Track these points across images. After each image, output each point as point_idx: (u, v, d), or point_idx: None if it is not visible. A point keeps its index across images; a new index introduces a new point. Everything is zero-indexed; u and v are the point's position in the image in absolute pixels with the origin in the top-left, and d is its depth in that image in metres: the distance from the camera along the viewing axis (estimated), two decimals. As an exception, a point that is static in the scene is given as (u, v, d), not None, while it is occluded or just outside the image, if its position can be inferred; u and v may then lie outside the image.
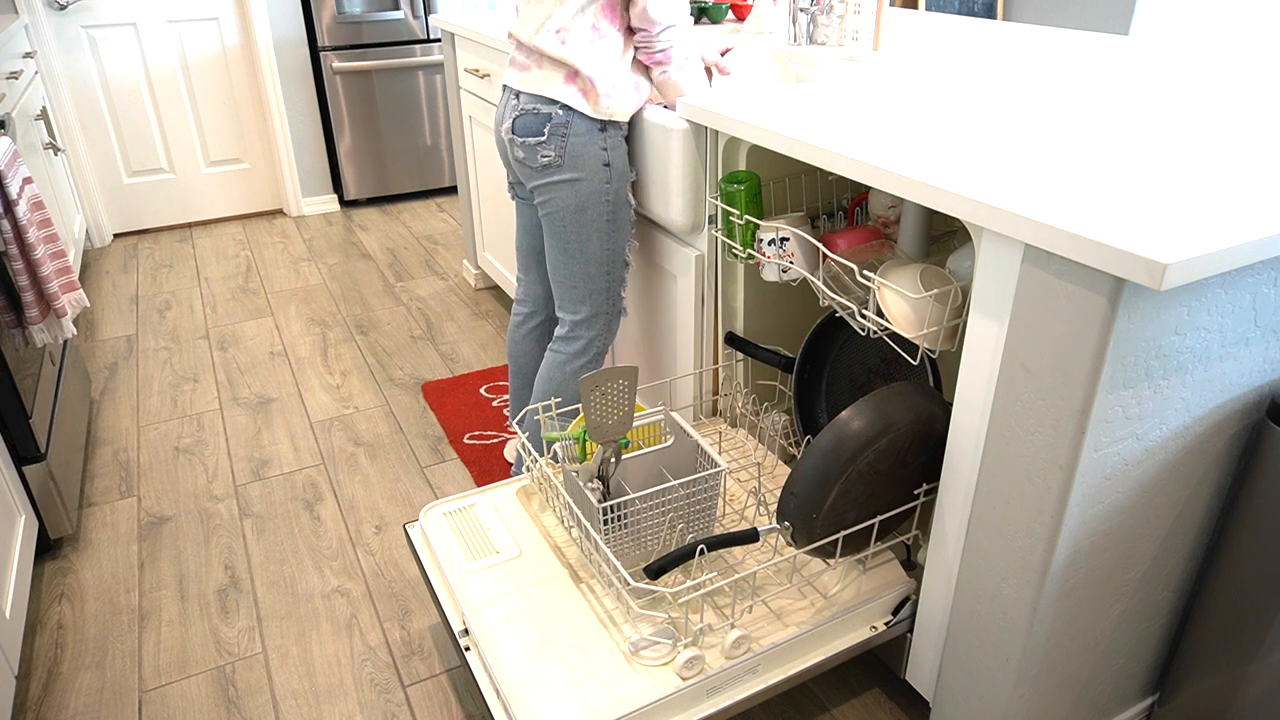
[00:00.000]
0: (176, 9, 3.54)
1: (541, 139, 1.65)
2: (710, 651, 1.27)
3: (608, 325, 1.81)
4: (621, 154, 1.68)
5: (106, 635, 1.72)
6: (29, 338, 1.88)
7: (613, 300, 1.79)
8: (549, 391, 1.83)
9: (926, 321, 1.25)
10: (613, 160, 1.66)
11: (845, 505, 1.28)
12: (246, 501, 2.10)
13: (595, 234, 1.71)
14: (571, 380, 1.83)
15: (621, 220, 1.72)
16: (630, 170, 1.71)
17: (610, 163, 1.66)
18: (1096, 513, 1.11)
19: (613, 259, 1.74)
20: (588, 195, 1.67)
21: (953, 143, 1.26)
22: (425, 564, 1.50)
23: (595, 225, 1.70)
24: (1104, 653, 1.30)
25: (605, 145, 1.65)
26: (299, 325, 2.96)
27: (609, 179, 1.67)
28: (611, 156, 1.66)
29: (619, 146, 1.67)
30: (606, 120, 1.63)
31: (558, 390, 1.83)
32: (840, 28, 2.02)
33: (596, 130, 1.64)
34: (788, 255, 1.47)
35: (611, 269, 1.75)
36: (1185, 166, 1.14)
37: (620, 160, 1.68)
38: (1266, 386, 1.17)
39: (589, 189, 1.67)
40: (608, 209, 1.69)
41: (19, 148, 2.56)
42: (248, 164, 3.92)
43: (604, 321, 1.80)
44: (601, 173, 1.66)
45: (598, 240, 1.71)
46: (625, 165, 1.69)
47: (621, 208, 1.71)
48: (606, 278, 1.75)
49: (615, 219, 1.71)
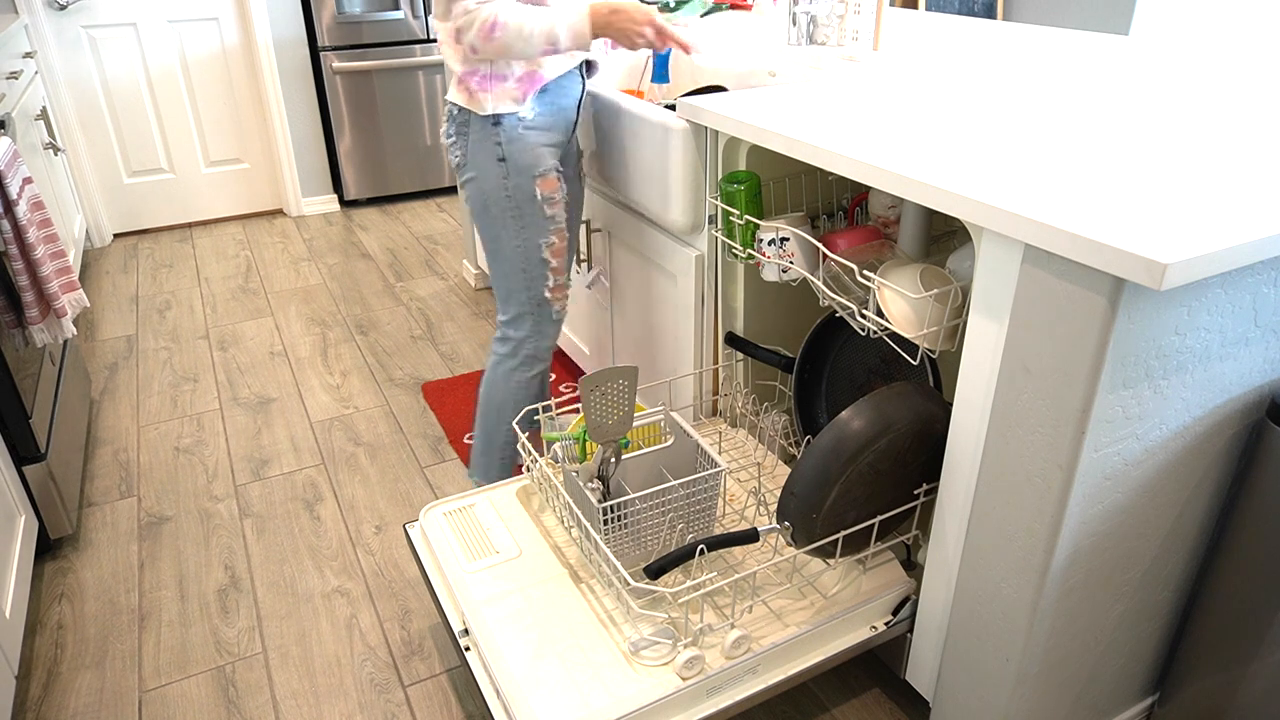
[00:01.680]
0: (176, 9, 3.54)
1: (452, 139, 1.65)
2: (710, 651, 1.27)
3: (536, 328, 1.75)
4: (522, 147, 1.61)
5: (106, 635, 1.72)
6: (29, 338, 1.88)
7: (535, 300, 1.72)
8: (486, 395, 1.81)
9: (926, 321, 1.25)
10: (509, 155, 1.61)
11: (845, 505, 1.28)
12: (246, 501, 2.10)
13: (504, 232, 1.67)
14: (504, 383, 1.78)
15: (529, 216, 1.66)
16: (542, 164, 1.64)
17: (506, 158, 1.61)
18: (1096, 513, 1.11)
19: (527, 257, 1.68)
20: (489, 192, 1.64)
21: (953, 142, 1.26)
22: (425, 564, 1.50)
23: (502, 223, 1.66)
24: (1104, 653, 1.30)
25: (499, 139, 1.60)
26: (299, 325, 2.97)
27: (505, 174, 1.62)
28: (507, 151, 1.60)
29: (518, 139, 1.60)
30: (496, 114, 1.59)
31: (490, 392, 1.80)
32: (840, 28, 2.02)
33: (489, 125, 1.59)
34: (788, 255, 1.47)
35: (527, 268, 1.69)
36: (1185, 166, 1.14)
37: (521, 154, 1.61)
38: (1266, 386, 1.17)
39: (488, 186, 1.63)
40: (510, 205, 1.64)
41: (19, 148, 2.56)
42: (248, 164, 3.92)
43: (530, 323, 1.74)
44: (497, 169, 1.62)
45: (507, 238, 1.67)
46: (530, 159, 1.62)
47: (526, 203, 1.64)
48: (523, 276, 1.70)
49: (522, 215, 1.65)
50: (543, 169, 1.64)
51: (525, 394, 1.79)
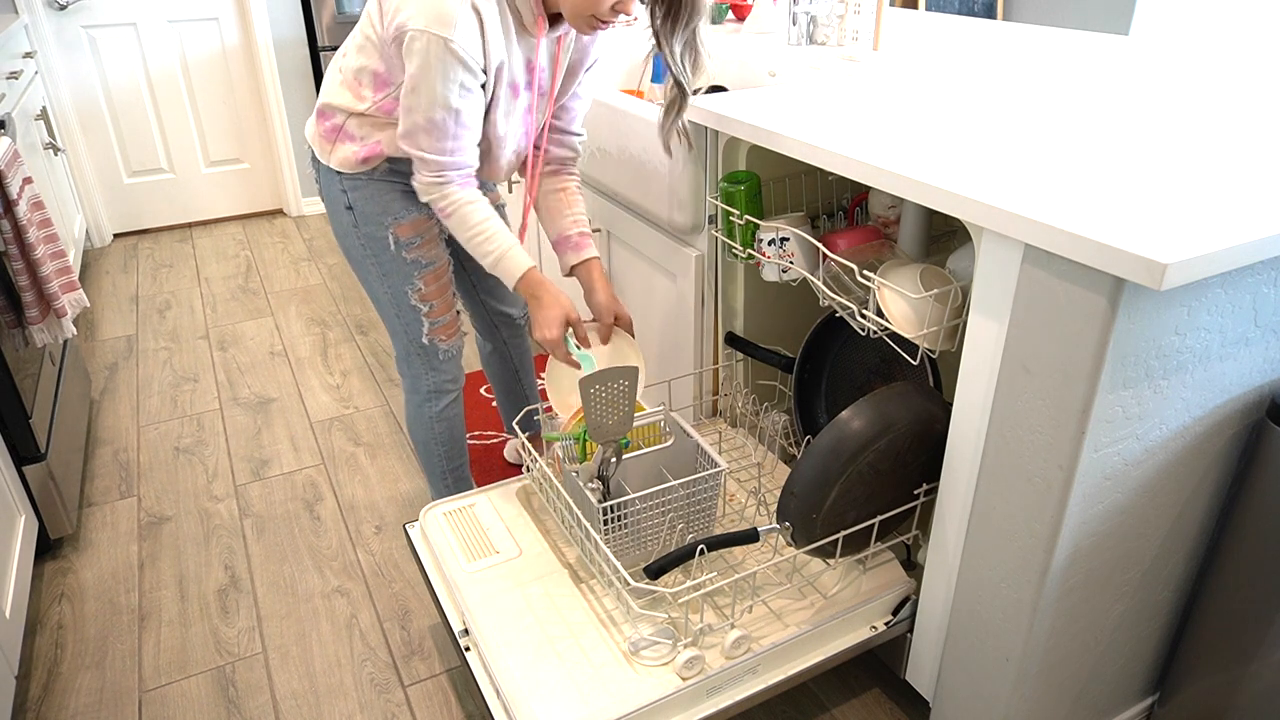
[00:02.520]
0: (176, 9, 3.54)
1: (312, 171, 1.59)
2: (710, 651, 1.27)
3: (426, 365, 1.66)
4: (370, 194, 1.50)
5: (106, 635, 1.72)
6: (29, 338, 1.88)
7: (414, 341, 1.63)
8: (409, 432, 1.76)
9: (926, 321, 1.25)
10: (355, 203, 1.51)
11: (845, 505, 1.28)
12: (246, 501, 2.10)
13: (369, 276, 1.59)
14: (415, 419, 1.72)
15: (389, 264, 1.55)
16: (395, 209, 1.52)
17: (353, 206, 1.51)
18: (1096, 513, 1.11)
19: (396, 303, 1.59)
20: (343, 238, 1.57)
21: (953, 143, 1.26)
22: (425, 564, 1.50)
23: (363, 268, 1.59)
24: (1104, 653, 1.30)
25: (344, 188, 1.51)
26: (299, 325, 2.97)
27: (355, 223, 1.53)
28: (353, 199, 1.51)
29: (363, 187, 1.50)
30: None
31: (410, 429, 1.75)
32: (840, 28, 2.02)
33: (334, 173, 1.51)
34: (788, 255, 1.47)
35: (400, 313, 1.61)
36: (1185, 167, 1.14)
37: (369, 202, 1.51)
38: (1266, 386, 1.17)
39: (341, 232, 1.56)
40: (367, 253, 1.55)
41: (19, 148, 2.56)
42: (248, 164, 3.92)
43: (420, 362, 1.66)
44: (346, 216, 1.53)
45: (374, 283, 1.59)
46: (380, 206, 1.51)
47: (382, 251, 1.54)
48: (399, 320, 1.62)
49: (380, 263, 1.56)
50: (392, 217, 1.53)
51: (444, 426, 1.73)
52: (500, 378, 1.98)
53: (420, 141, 1.37)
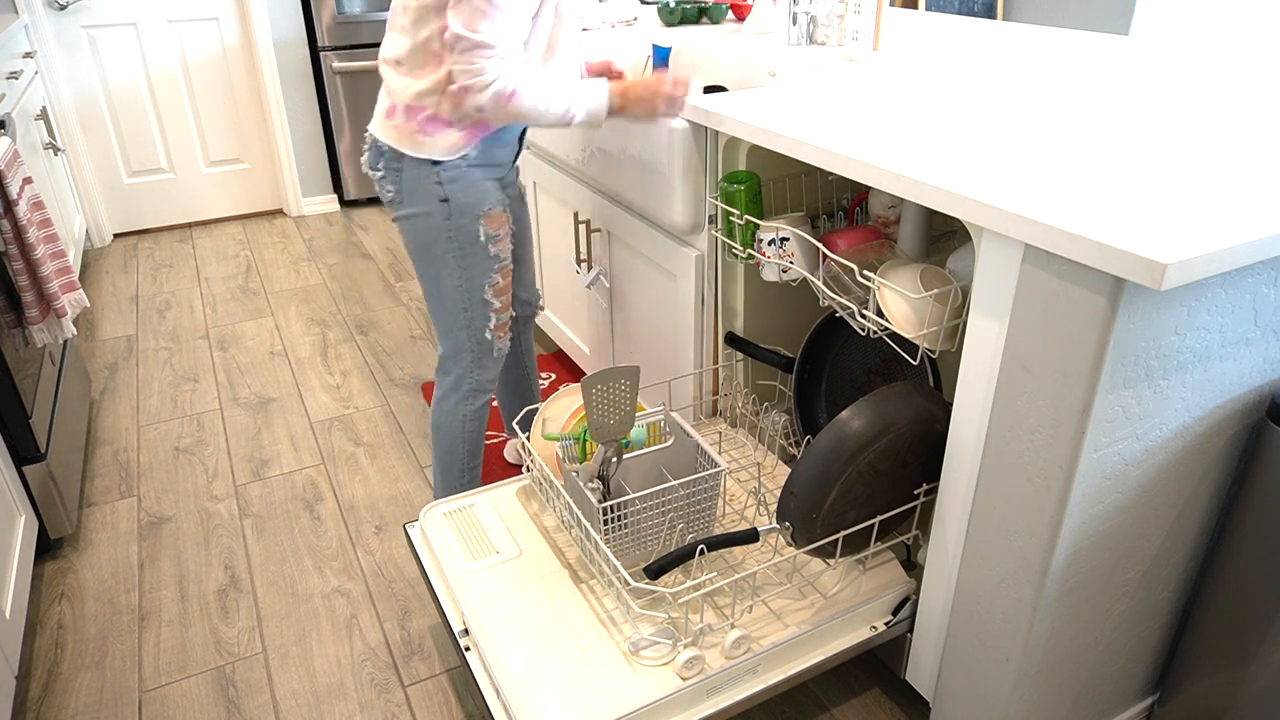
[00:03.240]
0: (176, 9, 3.54)
1: (381, 174, 1.55)
2: (710, 651, 1.27)
3: (476, 362, 1.69)
4: (466, 185, 1.52)
5: (106, 635, 1.72)
6: (29, 338, 1.88)
7: (475, 338, 1.66)
8: (435, 431, 1.76)
9: (926, 321, 1.25)
10: (451, 195, 1.52)
11: (845, 505, 1.28)
12: (246, 501, 2.10)
13: (444, 271, 1.59)
14: (448, 417, 1.73)
15: (472, 257, 1.57)
16: (487, 200, 1.55)
17: (449, 197, 1.52)
18: (1096, 513, 1.11)
19: (469, 298, 1.61)
20: (428, 232, 1.55)
21: (953, 143, 1.26)
22: (425, 564, 1.50)
23: (443, 262, 1.58)
24: (1104, 653, 1.30)
25: (440, 180, 1.51)
26: (299, 325, 2.97)
27: (448, 215, 1.53)
28: (449, 191, 1.51)
29: (460, 178, 1.51)
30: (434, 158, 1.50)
31: (439, 428, 1.75)
32: (840, 28, 2.02)
33: (428, 164, 1.50)
34: (788, 255, 1.47)
35: (469, 307, 1.62)
36: (1185, 167, 1.14)
37: (464, 193, 1.52)
38: (1266, 386, 1.17)
39: (428, 225, 1.55)
40: (453, 246, 1.56)
41: (19, 148, 2.56)
42: (248, 164, 3.92)
43: (470, 358, 1.68)
44: (439, 209, 1.53)
45: (449, 277, 1.59)
46: (475, 197, 1.53)
47: (469, 244, 1.56)
48: (464, 315, 1.63)
49: (464, 256, 1.57)
50: (488, 205, 1.56)
51: (474, 426, 1.75)
52: (509, 369, 1.99)
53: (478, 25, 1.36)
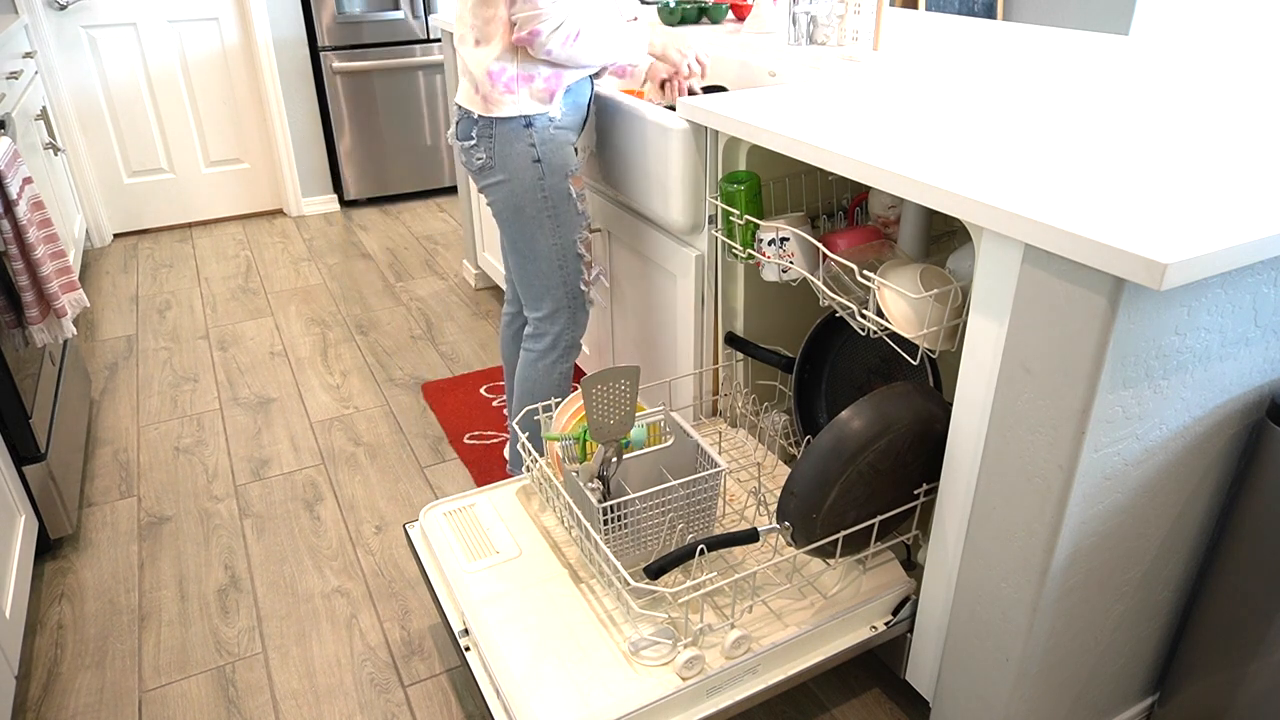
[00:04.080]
0: (176, 9, 3.54)
1: (473, 142, 1.65)
2: (710, 651, 1.27)
3: (572, 319, 1.80)
4: (555, 147, 1.63)
5: (106, 635, 1.72)
6: (29, 338, 1.88)
7: (571, 294, 1.77)
8: (525, 390, 1.83)
9: (926, 321, 1.25)
10: (544, 156, 1.62)
11: (845, 505, 1.28)
12: (246, 501, 2.10)
13: (539, 232, 1.69)
14: (545, 377, 1.82)
15: (565, 215, 1.69)
16: (572, 162, 1.67)
17: (541, 158, 1.62)
18: (1096, 513, 1.11)
19: (563, 254, 1.72)
20: (523, 194, 1.65)
21: (953, 143, 1.26)
22: (425, 564, 1.50)
23: (538, 223, 1.68)
24: (1104, 653, 1.30)
25: (533, 141, 1.61)
26: (299, 325, 2.96)
27: (541, 175, 1.63)
28: (542, 152, 1.62)
29: (551, 139, 1.63)
30: (528, 115, 1.60)
31: (533, 388, 1.83)
32: (840, 28, 2.01)
33: (521, 127, 1.60)
34: (788, 255, 1.47)
35: (564, 264, 1.73)
36: (1185, 167, 1.14)
37: (555, 154, 1.63)
38: (1266, 386, 1.17)
39: (523, 188, 1.64)
40: (547, 205, 1.66)
41: (19, 148, 2.56)
42: (248, 164, 3.92)
43: (567, 316, 1.79)
44: (532, 170, 1.63)
45: (543, 238, 1.69)
46: (563, 159, 1.65)
47: (562, 202, 1.67)
48: (560, 273, 1.73)
49: (557, 214, 1.68)
50: (573, 166, 1.67)
51: (566, 382, 1.84)
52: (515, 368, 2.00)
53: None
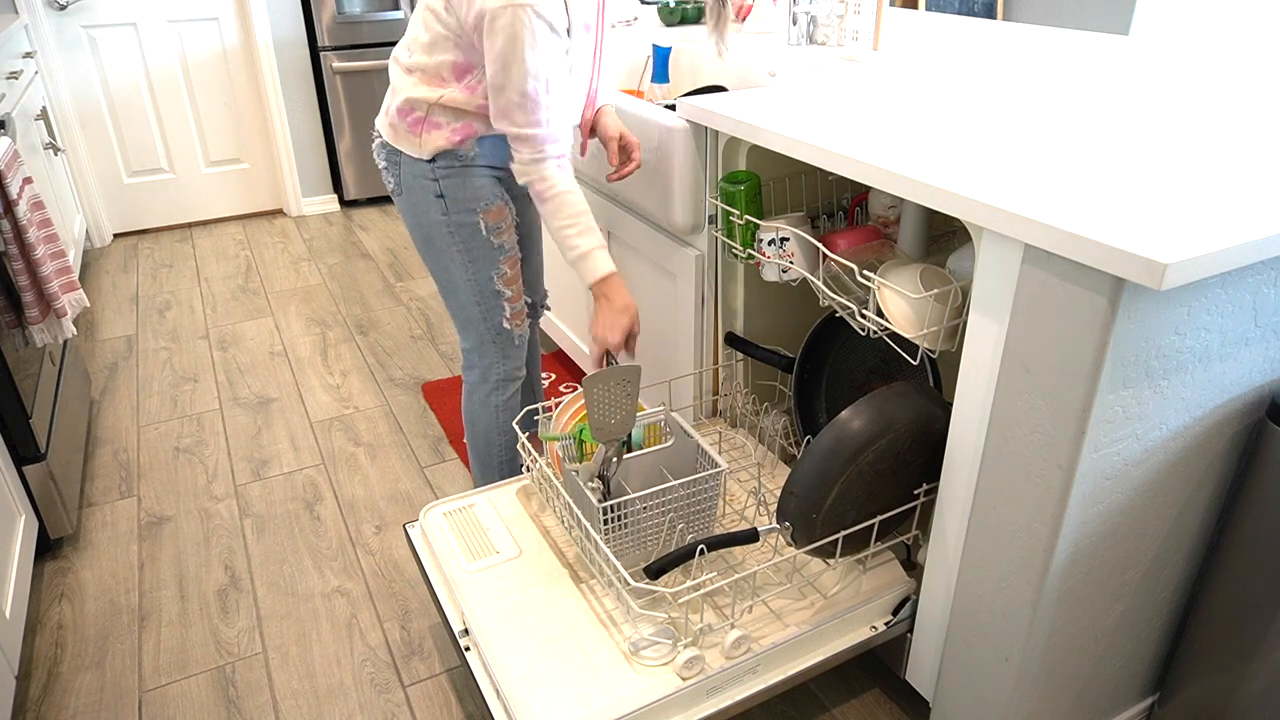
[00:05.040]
0: (176, 9, 3.54)
1: (384, 165, 1.59)
2: (710, 651, 1.27)
3: (501, 353, 1.70)
4: (461, 183, 1.54)
5: (106, 635, 1.72)
6: (29, 338, 1.88)
7: (493, 329, 1.67)
8: (469, 422, 1.77)
9: (926, 321, 1.25)
10: (446, 190, 1.53)
11: (845, 505, 1.28)
12: (246, 501, 2.10)
13: (451, 264, 1.60)
14: (482, 410, 1.74)
15: (477, 250, 1.59)
16: (485, 196, 1.56)
17: (444, 194, 1.54)
18: (1096, 513, 1.11)
19: (479, 290, 1.62)
20: (430, 227, 1.57)
21: (953, 143, 1.26)
22: (425, 564, 1.50)
23: (448, 256, 1.60)
24: (1104, 653, 1.30)
25: (434, 176, 1.53)
26: (299, 325, 2.97)
27: (445, 210, 1.55)
28: (445, 187, 1.53)
29: (457, 174, 1.53)
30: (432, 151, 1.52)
31: (474, 421, 1.76)
32: (840, 28, 2.02)
33: (422, 163, 1.53)
34: (788, 255, 1.47)
35: (481, 300, 1.63)
36: (1185, 167, 1.14)
37: (460, 189, 1.54)
38: (1266, 386, 1.17)
39: (429, 221, 1.57)
40: (455, 240, 1.57)
41: (19, 148, 2.56)
42: (248, 164, 3.92)
43: (494, 350, 1.69)
44: (435, 205, 1.55)
45: (457, 271, 1.61)
46: (471, 193, 1.55)
47: (471, 238, 1.57)
48: (479, 308, 1.64)
49: (468, 249, 1.58)
50: (484, 202, 1.57)
51: (508, 414, 1.77)
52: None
53: (516, 118, 1.41)
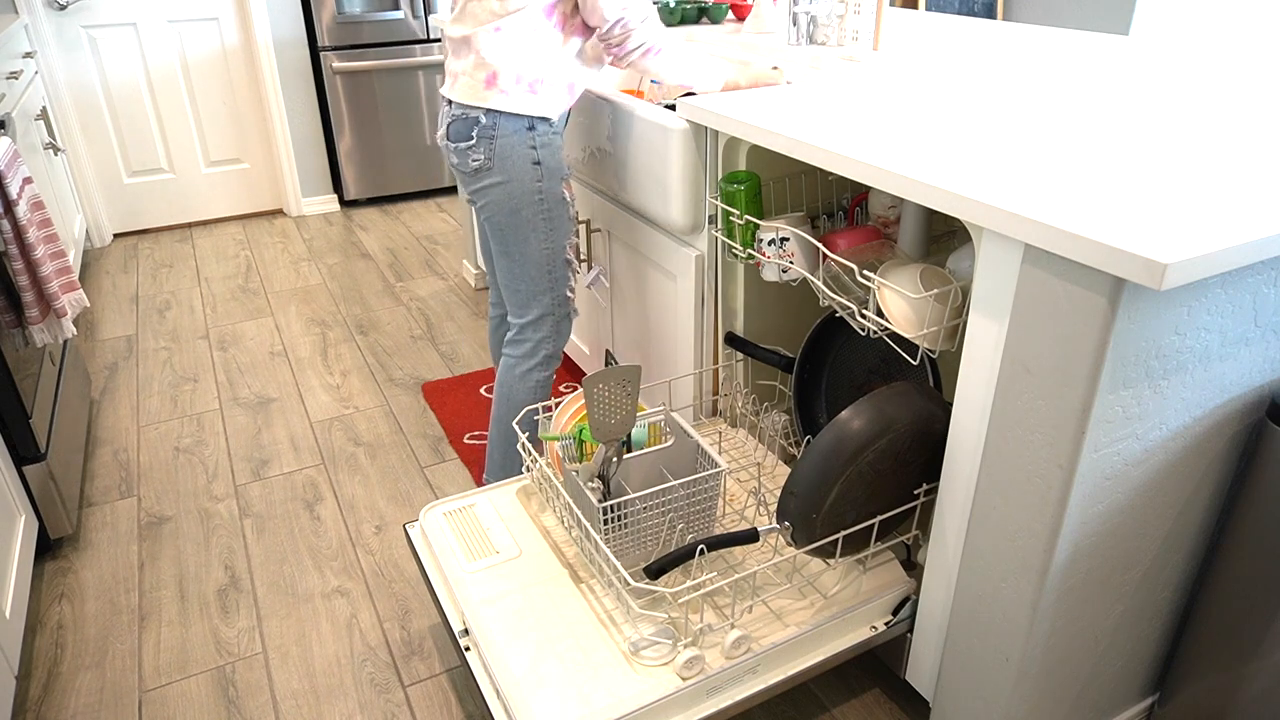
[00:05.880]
0: (176, 9, 3.54)
1: (471, 143, 1.63)
2: (710, 651, 1.27)
3: (556, 327, 1.78)
4: (553, 151, 1.65)
5: (106, 635, 1.72)
6: (29, 338, 1.88)
7: (558, 301, 1.76)
8: (504, 396, 1.81)
9: (926, 321, 1.25)
10: (543, 159, 1.63)
11: (845, 505, 1.28)
12: (246, 501, 2.10)
13: (533, 235, 1.68)
14: (523, 384, 1.80)
15: (558, 219, 1.69)
16: (565, 167, 1.68)
17: (540, 161, 1.63)
18: (1096, 513, 1.11)
19: (553, 259, 1.72)
20: (520, 196, 1.64)
21: (953, 143, 1.26)
22: (425, 564, 1.50)
23: (532, 226, 1.67)
24: (1104, 653, 1.30)
25: (534, 144, 1.62)
26: (299, 325, 2.96)
27: (540, 178, 1.64)
28: (542, 155, 1.63)
29: (549, 144, 1.64)
30: (534, 118, 1.60)
31: (511, 395, 1.80)
32: (840, 28, 2.01)
33: (524, 129, 1.60)
34: (788, 255, 1.47)
35: (553, 269, 1.73)
36: (1185, 167, 1.14)
37: (552, 158, 1.65)
38: (1266, 386, 1.17)
39: (521, 190, 1.64)
40: (542, 209, 1.66)
41: (19, 148, 2.56)
42: (248, 164, 3.92)
43: (551, 324, 1.77)
44: (531, 172, 1.63)
45: (536, 241, 1.69)
46: (558, 163, 1.66)
47: (557, 206, 1.68)
48: (549, 278, 1.73)
49: (551, 218, 1.68)
50: (566, 172, 1.69)
51: (544, 393, 1.82)
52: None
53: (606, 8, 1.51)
